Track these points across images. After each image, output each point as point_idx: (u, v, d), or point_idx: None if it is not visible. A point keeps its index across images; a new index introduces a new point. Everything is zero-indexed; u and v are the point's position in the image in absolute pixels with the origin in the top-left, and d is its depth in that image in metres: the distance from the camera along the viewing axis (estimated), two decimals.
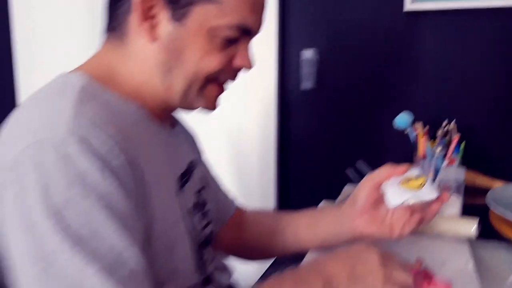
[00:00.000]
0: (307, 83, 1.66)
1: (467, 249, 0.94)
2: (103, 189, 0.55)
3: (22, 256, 0.54)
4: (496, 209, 1.02)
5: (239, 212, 1.00)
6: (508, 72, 1.47)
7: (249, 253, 1.00)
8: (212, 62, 0.69)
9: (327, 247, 0.87)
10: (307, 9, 1.63)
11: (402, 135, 1.32)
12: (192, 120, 0.92)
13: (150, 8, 0.67)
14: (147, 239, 0.62)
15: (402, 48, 1.56)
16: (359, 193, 0.84)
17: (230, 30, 0.68)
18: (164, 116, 0.77)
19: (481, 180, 1.36)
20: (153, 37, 0.68)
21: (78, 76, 0.66)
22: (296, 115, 1.69)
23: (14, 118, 0.64)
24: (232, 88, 1.56)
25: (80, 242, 0.53)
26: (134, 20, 0.68)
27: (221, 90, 0.75)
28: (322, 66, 1.64)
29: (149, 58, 0.69)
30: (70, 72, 0.69)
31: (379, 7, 1.56)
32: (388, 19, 1.55)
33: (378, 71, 1.59)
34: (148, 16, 0.67)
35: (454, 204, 1.02)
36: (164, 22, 0.67)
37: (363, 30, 1.60)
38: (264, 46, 1.62)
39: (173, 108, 0.77)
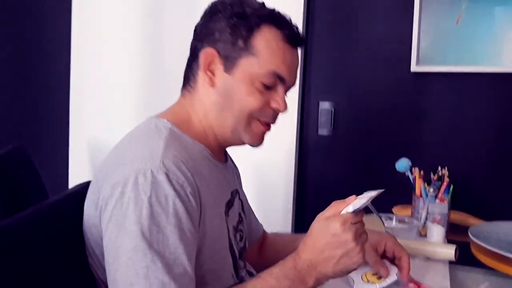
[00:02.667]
0: (324, 130, 1.93)
1: (447, 269, 1.15)
2: (176, 208, 0.78)
3: (115, 248, 0.77)
4: (475, 240, 1.25)
5: (263, 234, 1.23)
6: (497, 129, 1.71)
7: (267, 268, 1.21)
8: (254, 101, 0.91)
9: None
10: (325, 68, 1.91)
11: (404, 177, 1.56)
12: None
13: (210, 63, 0.92)
14: (199, 249, 0.83)
15: (407, 103, 1.82)
16: None
17: (266, 76, 0.91)
18: (220, 153, 0.99)
19: (472, 221, 1.58)
20: (212, 84, 0.92)
21: (165, 122, 0.90)
22: (314, 157, 1.94)
23: (120, 147, 0.88)
24: None
25: (153, 244, 0.76)
26: (200, 74, 0.93)
27: (265, 128, 0.95)
28: (337, 116, 1.90)
29: (208, 100, 0.93)
30: (157, 117, 0.93)
31: (389, 67, 1.83)
32: (397, 78, 1.82)
33: (386, 122, 1.84)
34: (209, 69, 0.92)
35: (439, 232, 1.25)
36: (219, 73, 0.92)
37: (374, 86, 1.86)
38: (288, 97, 1.89)
39: (227, 144, 0.98)
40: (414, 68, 1.77)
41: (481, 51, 1.70)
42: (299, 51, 0.98)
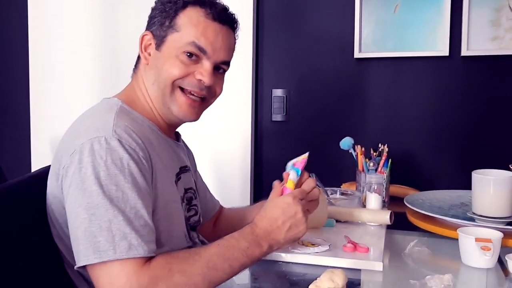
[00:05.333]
0: (277, 116, 2.04)
1: (383, 232, 1.28)
2: (130, 169, 0.87)
3: (77, 208, 0.85)
4: (410, 207, 1.39)
5: (220, 210, 1.33)
6: (432, 108, 1.87)
7: None
8: (175, 70, 0.99)
9: None
10: (276, 57, 2.03)
11: (347, 154, 1.69)
12: (189, 145, 1.25)
13: (147, 46, 1.04)
14: (153, 210, 0.92)
15: (351, 87, 1.95)
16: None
17: (187, 46, 0.99)
18: (169, 131, 1.08)
19: (411, 192, 1.72)
20: (147, 63, 1.03)
21: (116, 101, 1.00)
22: (269, 141, 2.06)
23: (76, 123, 0.97)
24: (217, 119, 1.93)
25: (113, 200, 0.84)
26: (140, 55, 1.05)
27: (188, 99, 1.01)
28: (290, 102, 2.02)
29: (146, 77, 1.03)
30: (111, 97, 1.03)
31: (335, 54, 1.96)
32: (341, 64, 1.95)
33: (332, 105, 1.97)
34: (146, 50, 1.04)
35: (376, 200, 1.38)
36: (152, 51, 1.03)
37: (322, 73, 1.99)
38: (243, 86, 2.01)
39: (168, 120, 1.06)
40: (357, 54, 1.90)
41: (417, 37, 1.84)
42: (250, 36, 1.07)
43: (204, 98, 1.04)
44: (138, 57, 1.08)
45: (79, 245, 0.85)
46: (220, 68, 1.05)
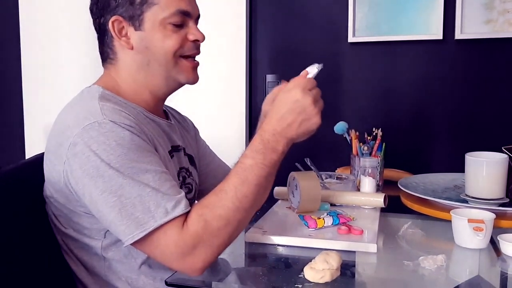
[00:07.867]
0: None
1: (377, 215, 1.29)
2: (136, 143, 0.87)
3: (101, 195, 0.84)
4: (404, 190, 1.40)
5: None
6: (425, 92, 1.87)
7: None
8: (171, 42, 0.99)
9: None
10: (270, 43, 2.02)
11: (342, 139, 1.69)
12: None
13: (121, 30, 1.01)
14: None
15: (345, 71, 1.95)
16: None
17: (172, 16, 0.99)
18: (157, 110, 1.08)
19: (405, 176, 1.73)
20: (130, 47, 1.01)
21: (96, 87, 1.00)
22: None
23: (61, 116, 0.96)
24: (211, 106, 1.93)
25: (134, 177, 0.84)
26: (116, 44, 1.02)
27: (192, 63, 1.03)
28: None
29: (133, 62, 1.01)
30: (91, 85, 1.02)
31: (328, 39, 1.95)
32: (335, 48, 1.95)
33: (327, 90, 1.96)
34: (121, 35, 1.01)
35: (370, 183, 1.39)
36: (132, 34, 1.01)
37: (316, 58, 1.97)
38: (236, 72, 2.00)
39: (166, 93, 1.06)
40: (351, 39, 1.90)
41: (411, 21, 1.84)
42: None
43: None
44: (103, 50, 1.05)
45: (119, 227, 0.84)
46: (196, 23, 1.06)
